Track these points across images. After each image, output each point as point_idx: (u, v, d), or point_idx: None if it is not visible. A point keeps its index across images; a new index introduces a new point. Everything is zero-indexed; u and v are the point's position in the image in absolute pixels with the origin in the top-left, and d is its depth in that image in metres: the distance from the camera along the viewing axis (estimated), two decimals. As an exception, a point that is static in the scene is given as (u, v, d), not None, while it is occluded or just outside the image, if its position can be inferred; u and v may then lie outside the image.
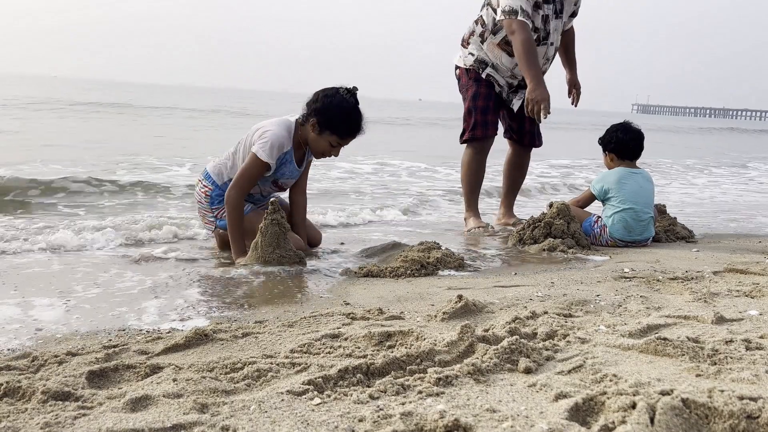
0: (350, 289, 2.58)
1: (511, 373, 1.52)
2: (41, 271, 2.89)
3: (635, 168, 3.86)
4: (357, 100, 3.09)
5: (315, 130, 3.08)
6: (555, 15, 4.09)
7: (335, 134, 3.07)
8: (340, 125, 3.06)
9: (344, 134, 3.09)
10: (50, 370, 1.58)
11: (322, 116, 3.05)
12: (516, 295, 2.41)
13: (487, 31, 4.12)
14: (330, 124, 3.05)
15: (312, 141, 3.13)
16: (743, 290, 2.45)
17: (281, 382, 1.46)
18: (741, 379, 1.42)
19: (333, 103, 3.04)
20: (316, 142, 3.12)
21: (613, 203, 3.73)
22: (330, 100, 3.05)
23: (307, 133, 3.13)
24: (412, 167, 8.69)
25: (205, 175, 3.26)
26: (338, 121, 3.05)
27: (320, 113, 3.05)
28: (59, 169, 6.30)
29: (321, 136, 3.08)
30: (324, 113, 3.04)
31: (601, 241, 3.74)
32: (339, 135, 3.08)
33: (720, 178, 9.94)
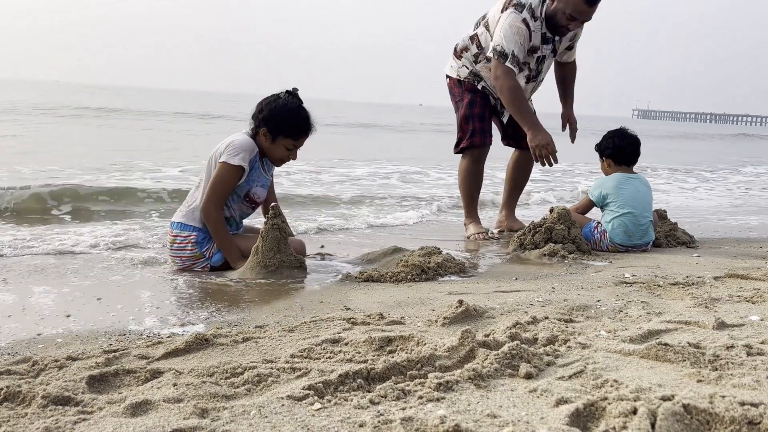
0: (351, 294, 2.58)
1: (512, 379, 1.52)
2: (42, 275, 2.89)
3: (632, 173, 3.88)
4: (300, 100, 3.12)
5: (268, 140, 3.09)
6: (552, 54, 4.11)
7: (288, 137, 3.09)
8: (291, 127, 3.08)
9: (296, 135, 3.10)
10: (50, 374, 1.58)
11: (270, 123, 3.06)
12: (517, 300, 2.41)
13: (482, 54, 4.11)
14: (280, 128, 3.07)
15: (268, 150, 3.13)
16: (744, 296, 2.44)
17: (281, 387, 1.46)
18: (742, 384, 1.41)
19: (278, 107, 3.07)
20: (271, 150, 3.13)
21: (612, 208, 3.73)
22: (274, 106, 3.07)
23: (260, 143, 3.12)
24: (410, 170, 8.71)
25: (179, 227, 3.08)
26: (288, 124, 3.07)
27: (268, 121, 3.07)
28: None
29: (275, 143, 3.10)
30: (272, 120, 3.06)
31: (601, 246, 3.74)
32: (292, 137, 3.09)
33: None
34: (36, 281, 2.81)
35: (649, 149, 6.19)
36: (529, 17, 3.86)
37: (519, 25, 3.84)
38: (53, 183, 5.42)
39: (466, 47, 4.18)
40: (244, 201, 3.16)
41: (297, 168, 7.77)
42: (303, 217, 4.88)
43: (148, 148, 10.44)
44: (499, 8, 3.97)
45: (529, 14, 3.86)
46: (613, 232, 3.70)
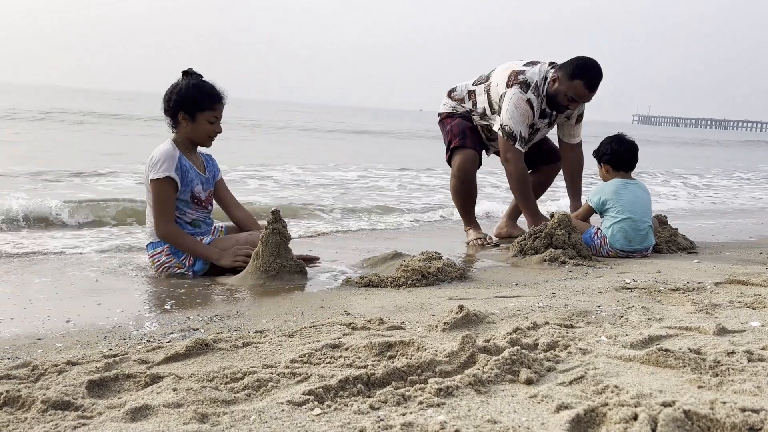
0: (351, 299, 2.58)
1: (513, 384, 1.51)
2: (43, 280, 2.89)
3: (631, 179, 3.88)
4: (199, 74, 3.13)
5: (188, 121, 3.08)
6: (548, 125, 4.17)
7: (206, 110, 3.08)
8: (204, 99, 3.08)
9: (211, 104, 3.09)
10: (50, 379, 1.58)
11: (184, 104, 3.06)
12: (517, 305, 2.41)
13: (475, 113, 4.24)
14: (196, 104, 3.06)
15: (193, 132, 3.10)
16: (745, 301, 2.44)
17: (281, 393, 1.46)
18: (743, 390, 1.41)
19: (183, 88, 3.07)
20: (196, 130, 3.10)
21: (612, 214, 3.73)
22: (179, 89, 3.07)
23: (185, 132, 3.10)
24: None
25: (151, 248, 3.12)
26: (200, 98, 3.07)
27: (181, 104, 3.06)
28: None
29: (196, 121, 3.08)
30: (183, 101, 3.06)
31: (601, 252, 3.74)
32: (210, 108, 3.09)
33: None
34: (36, 285, 2.81)
35: (666, 154, 6.13)
36: (533, 97, 3.96)
37: (524, 107, 3.95)
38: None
39: (462, 99, 4.30)
40: (193, 204, 3.14)
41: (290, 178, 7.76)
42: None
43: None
44: (504, 81, 4.04)
45: (534, 93, 3.96)
46: (612, 238, 3.70)
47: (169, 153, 3.03)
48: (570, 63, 3.91)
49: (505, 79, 4.03)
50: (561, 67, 3.94)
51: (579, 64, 3.88)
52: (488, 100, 4.13)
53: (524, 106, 3.95)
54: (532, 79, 3.97)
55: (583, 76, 3.85)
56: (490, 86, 4.12)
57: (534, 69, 4.00)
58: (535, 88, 3.96)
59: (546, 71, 3.98)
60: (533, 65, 4.04)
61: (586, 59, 3.91)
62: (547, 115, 4.08)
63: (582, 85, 3.86)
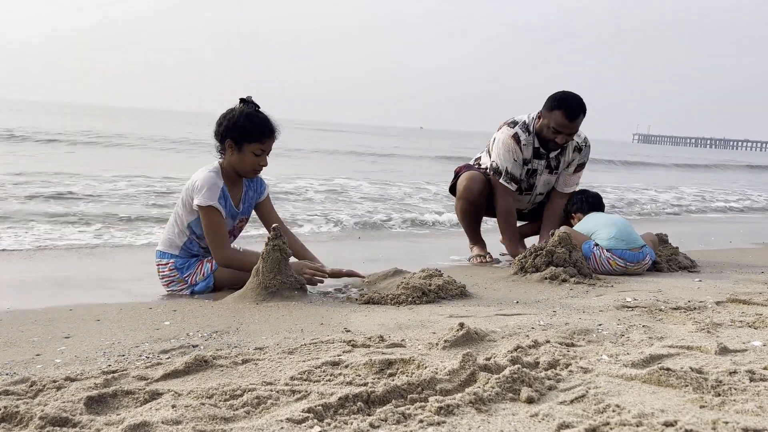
0: (351, 316, 2.57)
1: (513, 403, 1.50)
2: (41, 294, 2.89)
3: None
4: (256, 104, 3.12)
5: (235, 151, 3.07)
6: (549, 170, 4.23)
7: (254, 142, 3.05)
8: (254, 131, 3.05)
9: (261, 137, 3.07)
10: (48, 395, 1.57)
11: (233, 133, 3.05)
12: (518, 323, 2.40)
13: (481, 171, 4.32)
14: (244, 135, 3.04)
15: (238, 163, 3.10)
16: (746, 321, 2.44)
17: (281, 410, 1.45)
18: (745, 410, 1.40)
19: (235, 116, 3.05)
20: (241, 161, 3.09)
21: (600, 231, 3.84)
22: (232, 116, 3.06)
23: (230, 161, 3.10)
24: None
25: (160, 255, 3.15)
26: (250, 128, 3.05)
27: (230, 131, 3.05)
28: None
29: (242, 152, 3.06)
30: (233, 129, 3.05)
31: (601, 261, 3.73)
32: (258, 140, 3.06)
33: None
34: (35, 301, 2.80)
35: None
36: (521, 132, 4.10)
37: (509, 141, 4.09)
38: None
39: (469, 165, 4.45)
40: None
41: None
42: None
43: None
44: (497, 130, 4.23)
45: (522, 129, 4.10)
46: (605, 242, 3.77)
47: (212, 179, 3.03)
48: (550, 97, 4.05)
49: (498, 127, 4.24)
50: (544, 104, 4.07)
51: (558, 96, 4.01)
52: (488, 153, 4.27)
53: (509, 141, 4.07)
54: (521, 119, 4.14)
55: (561, 106, 3.95)
56: (490, 144, 4.26)
57: (525, 114, 4.18)
58: (523, 125, 4.10)
59: (537, 113, 4.12)
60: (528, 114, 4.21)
61: (565, 92, 4.04)
62: (542, 156, 4.15)
63: (561, 114, 3.94)
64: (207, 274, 3.10)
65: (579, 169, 4.28)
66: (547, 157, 4.15)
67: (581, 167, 4.29)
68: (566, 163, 4.23)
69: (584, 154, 4.26)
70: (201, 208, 3.01)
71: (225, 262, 3.04)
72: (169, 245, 3.14)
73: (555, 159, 4.18)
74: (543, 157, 4.15)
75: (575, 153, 4.21)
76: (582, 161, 4.27)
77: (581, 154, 4.24)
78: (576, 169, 4.26)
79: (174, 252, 3.13)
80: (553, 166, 4.20)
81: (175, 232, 3.13)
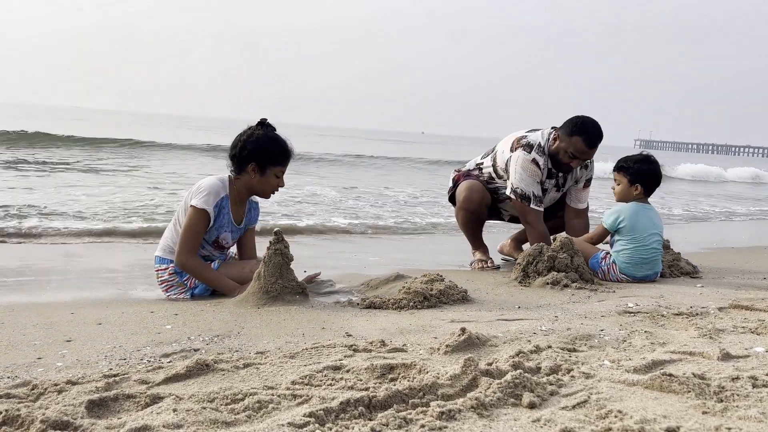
0: (352, 321, 2.57)
1: (515, 408, 1.50)
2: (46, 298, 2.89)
3: (648, 203, 3.84)
4: (274, 127, 3.18)
5: (257, 173, 3.12)
6: (556, 188, 4.23)
7: (277, 165, 3.13)
8: (278, 154, 3.13)
9: (284, 160, 3.15)
10: (50, 398, 1.57)
11: (257, 157, 3.09)
12: (519, 328, 2.40)
13: (482, 178, 4.32)
14: (269, 159, 3.11)
15: (258, 184, 3.15)
16: (749, 327, 2.43)
17: (282, 414, 1.45)
18: (748, 416, 1.40)
19: (259, 140, 3.10)
20: (262, 183, 3.15)
21: (625, 239, 3.70)
22: (255, 140, 3.10)
23: (248, 181, 3.14)
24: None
25: (158, 261, 3.17)
26: (275, 152, 3.12)
27: (254, 155, 3.09)
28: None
29: (264, 175, 3.13)
30: (258, 154, 3.09)
31: (609, 277, 3.72)
32: (280, 163, 3.14)
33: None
34: (36, 305, 2.81)
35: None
36: (538, 156, 4.06)
37: (531, 167, 4.05)
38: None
39: (470, 171, 4.42)
40: (212, 246, 3.18)
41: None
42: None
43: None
44: (508, 147, 4.16)
45: (538, 153, 4.06)
46: (623, 264, 3.68)
47: (216, 188, 3.06)
48: (569, 121, 4.03)
49: (509, 145, 4.16)
50: (561, 127, 4.05)
51: (578, 122, 3.99)
52: (493, 167, 4.25)
53: (531, 167, 4.05)
54: (535, 141, 4.09)
55: (582, 133, 3.95)
56: (496, 155, 4.24)
57: (536, 133, 4.15)
58: (538, 148, 4.07)
59: (549, 133, 4.11)
60: (536, 131, 4.17)
61: (584, 117, 4.03)
62: (553, 175, 4.16)
63: (581, 141, 3.94)
64: None
65: (587, 184, 4.30)
66: (557, 176, 4.18)
67: (589, 182, 4.32)
68: (573, 179, 4.25)
69: (590, 170, 4.28)
70: (193, 208, 3.02)
71: (183, 266, 3.04)
72: (169, 251, 3.15)
73: (562, 177, 4.20)
74: (554, 177, 4.17)
75: (582, 170, 4.24)
76: (589, 176, 4.30)
77: (587, 170, 4.26)
78: (585, 185, 4.29)
79: (172, 258, 3.13)
80: (560, 184, 4.23)
81: (175, 239, 3.14)
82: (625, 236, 3.71)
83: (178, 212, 3.16)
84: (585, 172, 4.26)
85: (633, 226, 3.70)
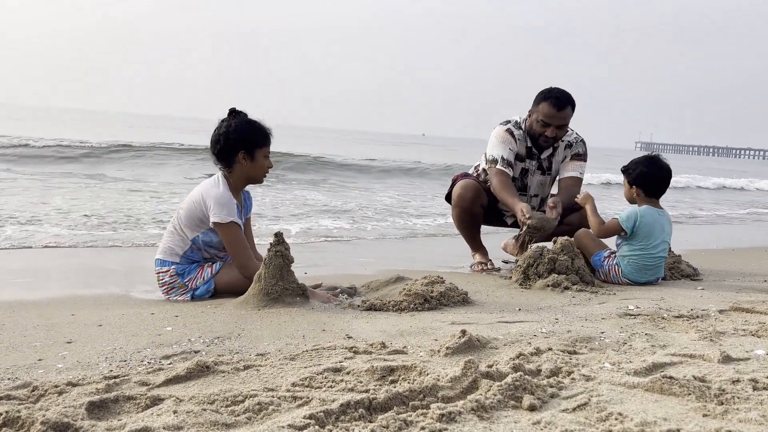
0: (353, 323, 2.57)
1: (515, 410, 1.50)
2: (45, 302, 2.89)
3: (660, 208, 3.77)
4: (244, 113, 3.23)
5: (247, 160, 3.15)
6: (540, 171, 4.24)
7: (263, 146, 3.19)
8: (262, 136, 3.19)
9: (267, 140, 3.22)
10: (50, 400, 1.57)
11: (243, 144, 3.13)
12: (520, 330, 2.40)
13: (478, 181, 4.34)
14: (255, 143, 3.16)
15: (250, 170, 3.18)
16: (749, 329, 2.43)
17: (282, 416, 1.45)
18: (749, 419, 1.40)
19: (239, 128, 3.15)
20: (255, 169, 3.19)
21: (637, 245, 3.66)
22: (235, 128, 3.14)
23: (241, 171, 3.17)
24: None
25: (160, 264, 3.16)
26: (257, 135, 3.17)
27: (240, 143, 3.13)
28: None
29: (255, 160, 3.17)
30: (243, 141, 3.13)
31: (610, 277, 3.72)
32: (265, 144, 3.20)
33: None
34: (37, 306, 2.81)
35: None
36: (513, 128, 4.16)
37: (503, 134, 4.15)
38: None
39: (466, 172, 4.49)
40: (221, 248, 3.20)
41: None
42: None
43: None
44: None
45: (514, 126, 4.16)
46: (627, 268, 3.66)
47: (228, 196, 3.09)
48: (538, 93, 4.11)
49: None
50: (533, 103, 4.12)
51: (544, 90, 4.08)
52: (485, 162, 4.27)
53: (503, 134, 4.14)
54: (513, 118, 4.21)
55: (547, 98, 4.02)
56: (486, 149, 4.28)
57: (516, 116, 4.24)
58: (515, 123, 4.17)
59: (528, 113, 4.16)
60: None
61: (551, 86, 4.09)
62: (534, 156, 4.17)
63: (548, 104, 3.99)
64: (207, 278, 3.11)
65: (576, 158, 4.23)
66: (538, 157, 4.18)
67: (577, 156, 4.23)
68: (558, 162, 4.24)
69: (576, 147, 4.22)
70: (221, 225, 3.04)
71: (248, 272, 3.04)
72: (170, 253, 3.15)
73: (547, 160, 4.20)
74: (535, 157, 4.18)
75: (566, 150, 4.21)
76: (576, 152, 4.23)
77: (572, 148, 4.22)
78: (573, 158, 4.22)
79: (175, 260, 3.15)
80: (545, 167, 4.22)
81: (176, 242, 3.15)
82: (635, 241, 3.67)
83: (178, 219, 3.16)
84: (569, 152, 4.21)
85: (648, 233, 3.65)
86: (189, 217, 3.11)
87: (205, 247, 3.15)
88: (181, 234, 3.14)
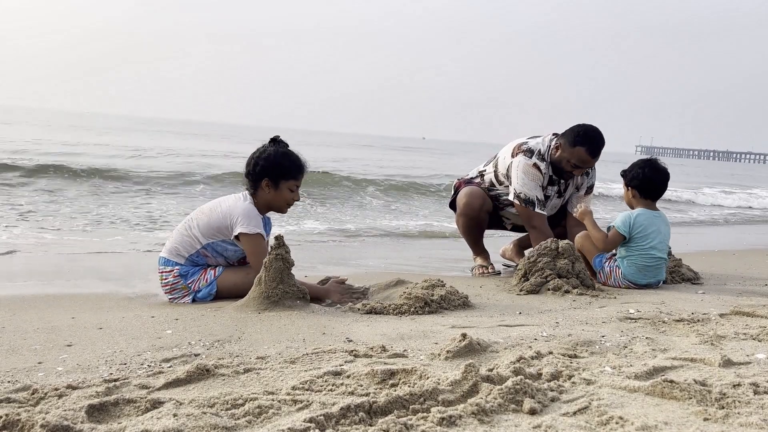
0: (353, 326, 2.57)
1: (516, 414, 1.50)
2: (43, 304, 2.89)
3: (656, 210, 3.80)
4: (286, 144, 3.27)
5: (271, 188, 3.19)
6: (558, 195, 4.25)
7: (290, 179, 3.21)
8: (291, 169, 3.21)
9: (297, 174, 3.23)
10: (50, 403, 1.57)
11: (271, 172, 3.17)
12: (520, 334, 2.39)
13: (483, 185, 4.34)
14: (282, 173, 3.18)
15: (273, 199, 3.22)
16: (750, 333, 2.42)
17: (282, 419, 1.44)
18: (749, 423, 1.39)
19: (271, 156, 3.19)
20: (277, 198, 3.22)
21: (634, 246, 3.68)
22: (268, 156, 3.19)
23: (263, 197, 3.21)
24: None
25: (164, 263, 3.18)
26: (286, 166, 3.20)
27: (268, 171, 3.17)
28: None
29: (279, 189, 3.20)
30: (271, 169, 3.17)
31: (611, 279, 3.72)
32: (294, 177, 3.22)
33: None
34: (37, 309, 2.80)
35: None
36: (538, 161, 4.08)
37: (533, 171, 4.07)
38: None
39: (472, 178, 4.44)
40: (233, 261, 3.24)
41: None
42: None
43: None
44: (509, 153, 4.19)
45: (538, 159, 4.09)
46: (627, 269, 3.67)
47: (255, 211, 3.14)
48: (571, 131, 4.03)
49: (510, 151, 4.19)
50: (563, 135, 4.06)
51: (580, 132, 4.00)
52: (495, 173, 4.26)
53: (533, 171, 4.06)
54: (536, 147, 4.11)
55: (584, 143, 3.96)
56: (498, 162, 4.26)
57: (537, 139, 4.16)
58: (539, 155, 4.09)
59: (549, 140, 4.11)
60: (536, 137, 4.18)
61: (587, 126, 4.03)
62: (555, 182, 4.17)
63: (584, 151, 3.96)
64: (210, 281, 3.13)
65: (589, 191, 4.31)
66: (558, 183, 4.19)
67: (591, 189, 4.32)
68: (575, 186, 4.26)
69: (592, 176, 4.29)
70: (248, 236, 3.08)
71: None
72: (175, 254, 3.17)
73: (564, 183, 4.22)
74: (555, 183, 4.18)
75: (584, 176, 4.24)
76: (591, 183, 4.30)
77: (588, 177, 4.27)
78: (586, 192, 4.29)
79: (179, 261, 3.16)
80: (561, 190, 4.24)
81: (184, 244, 3.17)
82: (632, 242, 3.70)
83: (194, 223, 3.17)
84: (586, 179, 4.27)
85: (644, 238, 3.67)
86: (208, 225, 3.14)
87: (214, 255, 3.18)
88: (193, 238, 3.16)
